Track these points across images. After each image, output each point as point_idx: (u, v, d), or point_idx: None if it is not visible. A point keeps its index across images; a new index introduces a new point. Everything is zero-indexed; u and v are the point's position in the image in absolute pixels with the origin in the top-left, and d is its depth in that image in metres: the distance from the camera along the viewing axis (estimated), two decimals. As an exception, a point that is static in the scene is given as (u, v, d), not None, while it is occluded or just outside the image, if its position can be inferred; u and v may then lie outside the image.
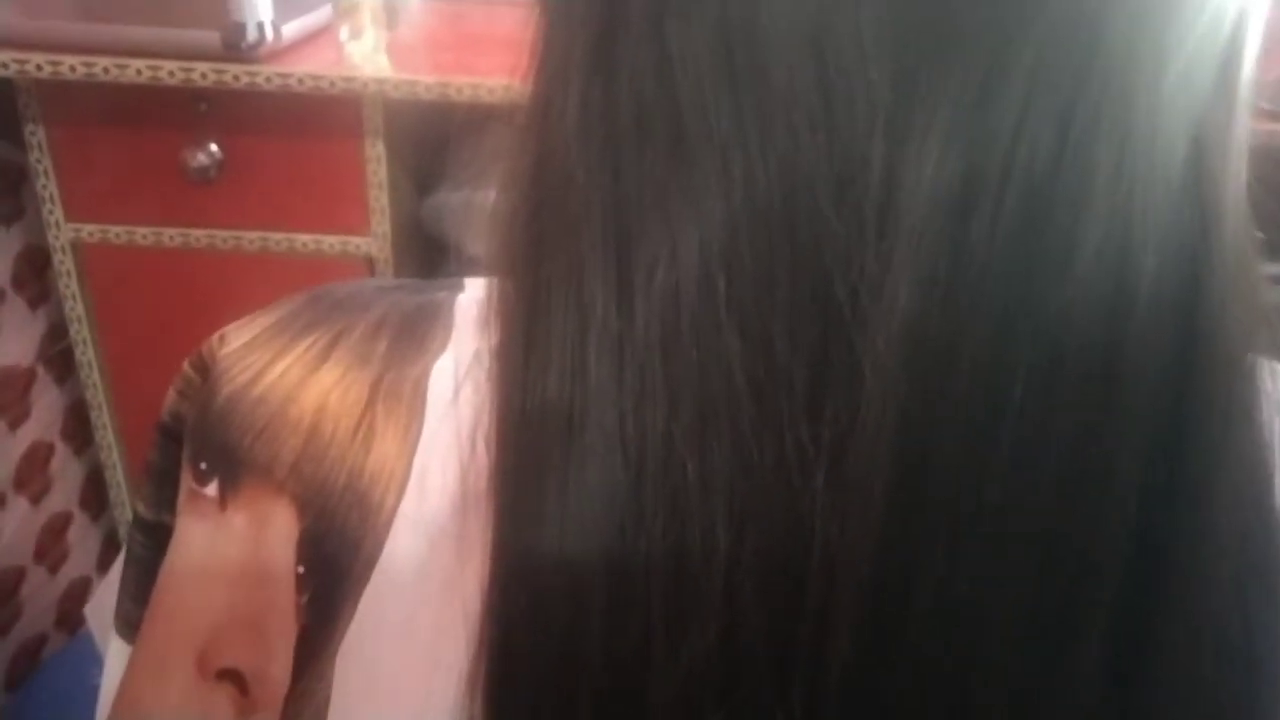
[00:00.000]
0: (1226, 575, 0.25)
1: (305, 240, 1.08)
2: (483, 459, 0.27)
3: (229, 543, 0.31)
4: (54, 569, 1.23)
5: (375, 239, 1.08)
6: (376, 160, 1.04)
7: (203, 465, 0.32)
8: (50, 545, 1.22)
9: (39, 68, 0.95)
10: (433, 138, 1.16)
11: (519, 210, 0.28)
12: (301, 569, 0.30)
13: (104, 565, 1.30)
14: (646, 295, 0.25)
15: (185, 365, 0.36)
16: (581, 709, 0.25)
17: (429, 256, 1.18)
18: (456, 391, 0.29)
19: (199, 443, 0.33)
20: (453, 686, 0.26)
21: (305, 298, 0.35)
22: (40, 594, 1.21)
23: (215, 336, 0.35)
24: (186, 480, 0.33)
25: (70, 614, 1.24)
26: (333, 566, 0.29)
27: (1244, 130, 0.27)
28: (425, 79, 0.98)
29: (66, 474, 1.24)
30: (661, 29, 0.25)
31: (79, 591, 1.26)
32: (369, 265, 1.10)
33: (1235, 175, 0.26)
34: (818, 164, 0.23)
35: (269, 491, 0.30)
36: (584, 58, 0.27)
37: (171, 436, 0.35)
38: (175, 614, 0.32)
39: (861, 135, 0.23)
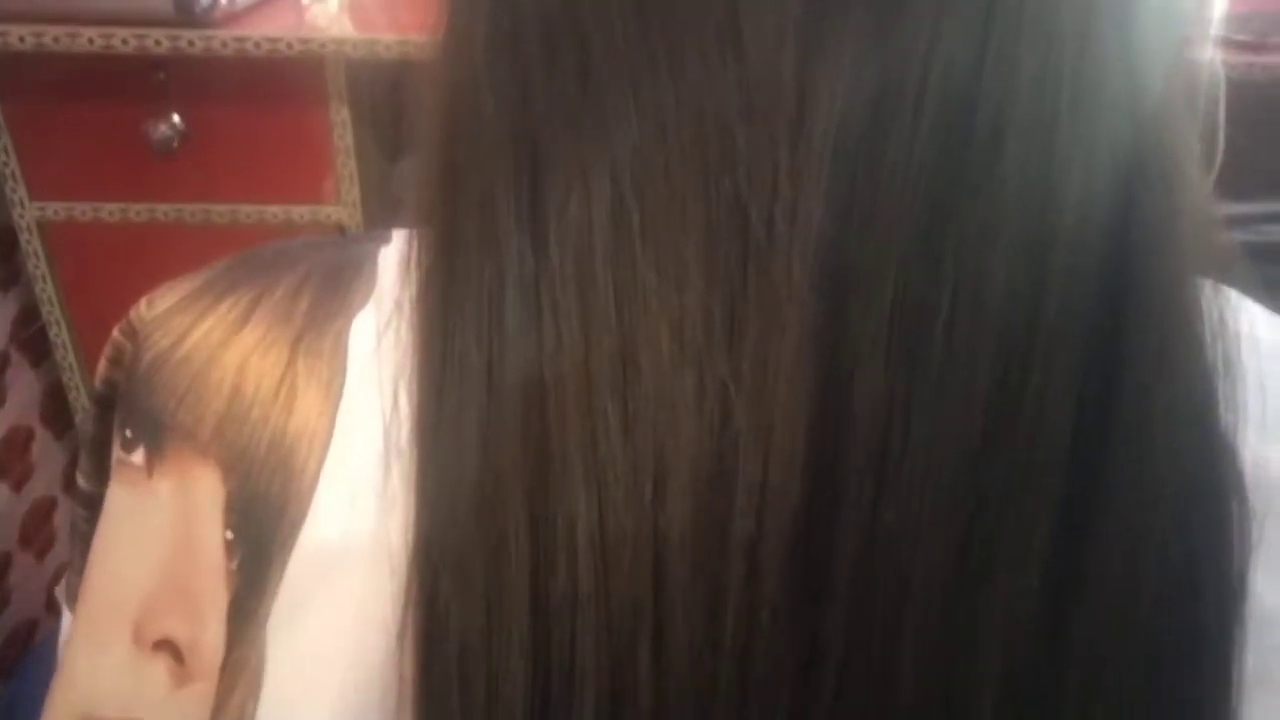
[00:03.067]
0: (1166, 498, 0.24)
1: (275, 211, 1.07)
2: (405, 412, 0.27)
3: (157, 511, 0.30)
4: (41, 554, 1.23)
5: (345, 207, 1.07)
6: (342, 126, 1.03)
7: (128, 433, 0.31)
8: (36, 530, 1.21)
9: (-12, 41, 0.93)
10: (401, 101, 1.14)
11: (432, 150, 0.27)
12: (230, 535, 0.29)
13: (92, 546, 1.30)
14: (559, 230, 0.24)
15: (115, 332, 0.35)
16: (511, 656, 0.24)
17: (402, 222, 1.16)
18: (378, 344, 0.28)
19: (125, 410, 0.32)
20: (385, 642, 0.26)
21: (234, 259, 0.34)
22: (29, 580, 1.21)
23: (143, 301, 0.34)
24: (115, 448, 0.32)
25: (59, 603, 1.24)
26: (260, 531, 0.28)
27: (1184, 40, 0.26)
28: (385, 38, 0.96)
29: (48, 458, 1.23)
30: None
31: (68, 574, 1.26)
32: (341, 233, 1.08)
33: (1177, 89, 0.25)
34: (727, 84, 0.22)
35: (194, 456, 0.29)
36: None
37: (105, 405, 0.35)
38: (108, 586, 0.31)
39: (771, 52, 0.22)
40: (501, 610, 0.24)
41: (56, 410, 1.22)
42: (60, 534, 1.26)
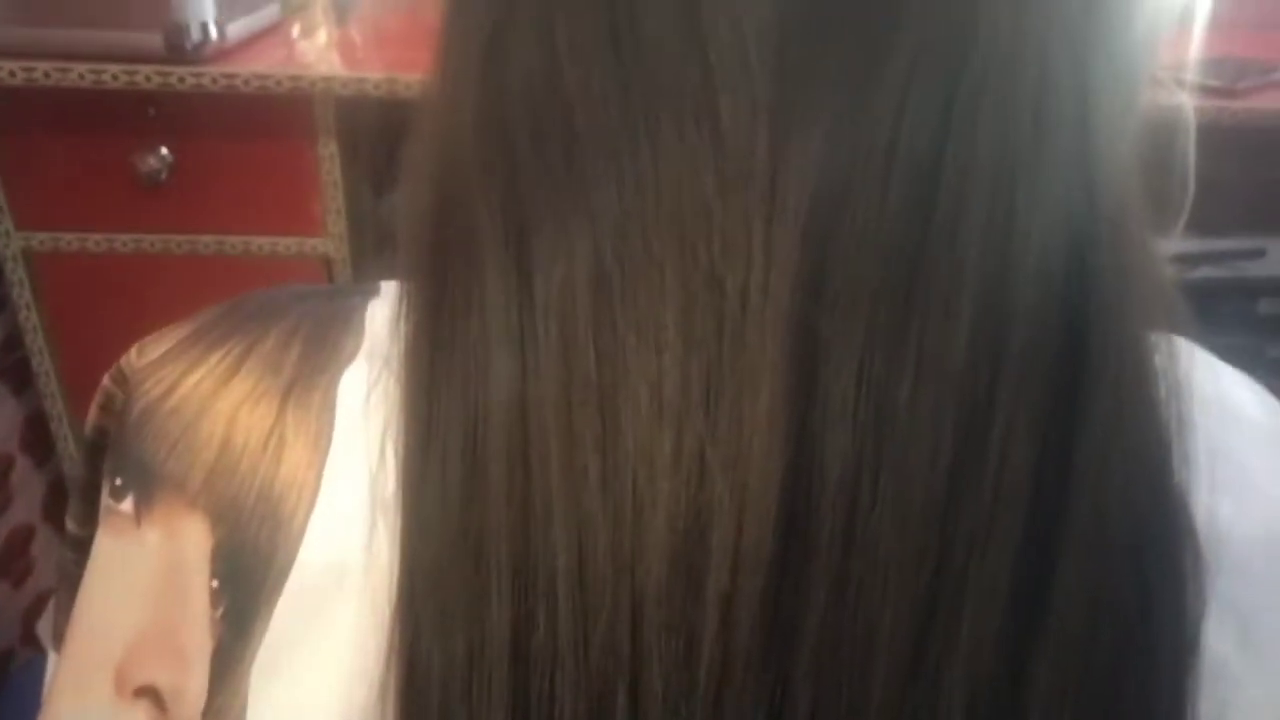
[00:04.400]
0: (1123, 552, 0.25)
1: (261, 243, 1.07)
2: (391, 466, 0.27)
3: (144, 559, 0.31)
4: (18, 583, 1.22)
5: (332, 239, 1.07)
6: (330, 159, 1.03)
7: (118, 481, 0.32)
8: (13, 559, 1.20)
9: (-22, 75, 0.94)
10: (387, 135, 1.15)
11: (422, 210, 0.28)
12: (215, 583, 0.29)
13: (71, 576, 1.28)
14: (544, 293, 0.25)
15: (106, 379, 0.35)
16: (491, 706, 0.25)
17: (387, 256, 1.17)
18: (366, 400, 0.29)
19: (115, 458, 0.32)
20: (367, 691, 0.26)
21: (223, 308, 0.35)
22: (5, 608, 1.20)
23: (134, 349, 0.35)
24: (104, 496, 0.32)
25: (35, 628, 1.22)
26: (246, 580, 0.29)
27: (1140, 109, 0.27)
28: (373, 76, 0.97)
29: (28, 487, 1.22)
30: (551, 24, 0.25)
31: (45, 605, 1.24)
32: (326, 266, 1.09)
33: (1127, 152, 0.26)
34: (704, 159, 0.23)
35: (182, 506, 0.30)
36: (479, 53, 0.27)
37: (95, 451, 0.35)
38: (93, 632, 0.32)
39: (745, 128, 0.23)
40: (483, 660, 0.25)
41: (37, 439, 1.21)
42: (38, 563, 1.25)
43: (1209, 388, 0.28)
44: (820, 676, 0.24)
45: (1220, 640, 0.27)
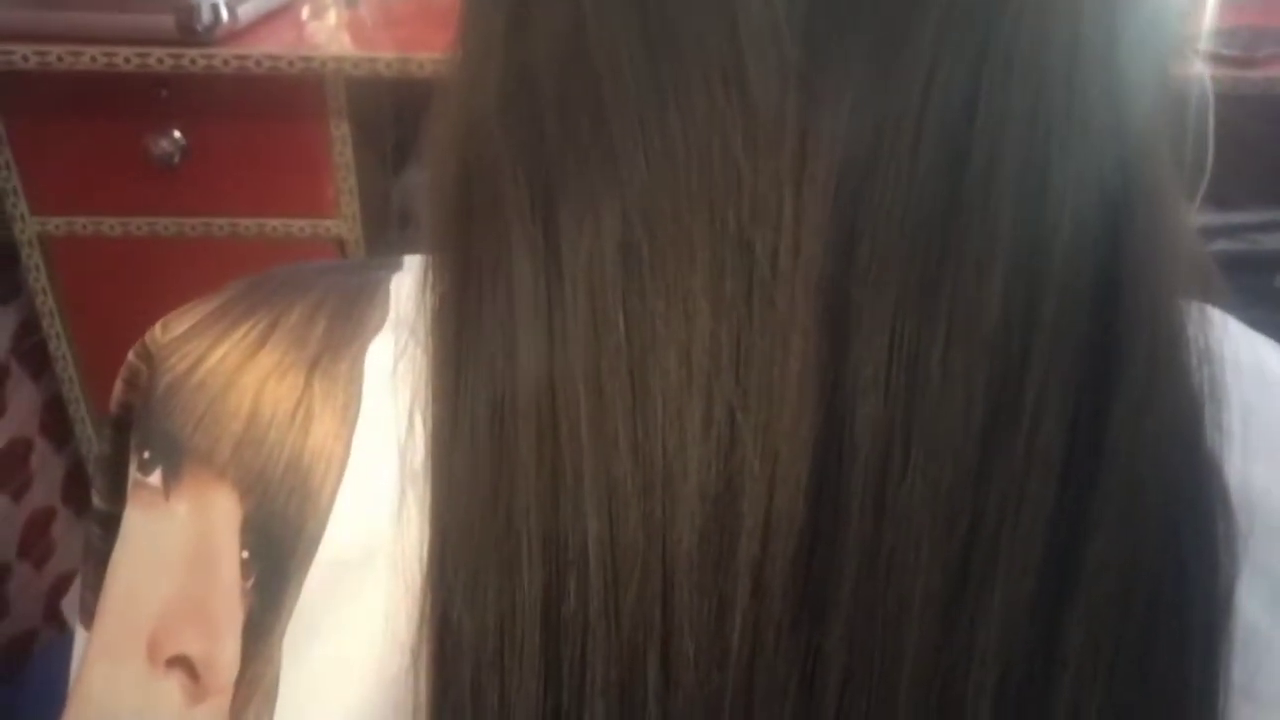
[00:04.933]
0: (1156, 517, 0.25)
1: (274, 224, 1.07)
2: (420, 435, 0.27)
3: (173, 532, 0.31)
4: (39, 564, 1.23)
5: (345, 220, 1.07)
6: (342, 140, 1.03)
7: (146, 455, 0.32)
8: (34, 541, 1.22)
9: (-9, 59, 0.94)
10: (400, 115, 1.15)
11: (448, 182, 0.28)
12: (246, 554, 0.29)
13: (91, 558, 1.30)
14: (572, 262, 0.25)
15: (130, 355, 0.35)
16: (523, 672, 0.25)
17: (401, 235, 1.17)
18: (394, 371, 0.29)
19: (142, 432, 0.33)
20: (399, 659, 0.27)
21: (246, 283, 0.35)
22: (27, 590, 1.21)
23: (158, 325, 0.35)
24: (132, 471, 0.33)
25: (59, 608, 1.24)
26: (276, 550, 0.29)
27: (1168, 74, 0.27)
28: (385, 55, 0.97)
29: (47, 469, 1.23)
30: None
31: (66, 586, 1.26)
32: (340, 247, 1.09)
33: (1160, 119, 0.26)
34: (733, 123, 0.23)
35: (211, 478, 0.30)
36: (504, 24, 0.26)
37: (121, 427, 0.35)
38: (124, 604, 0.32)
39: (775, 93, 0.23)
40: (514, 628, 0.25)
41: (56, 422, 1.22)
42: (59, 544, 1.26)
43: (1242, 354, 0.28)
44: (852, 644, 0.24)
45: (1253, 604, 0.27)
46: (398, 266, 0.33)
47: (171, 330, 0.34)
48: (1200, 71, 0.97)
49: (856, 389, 0.23)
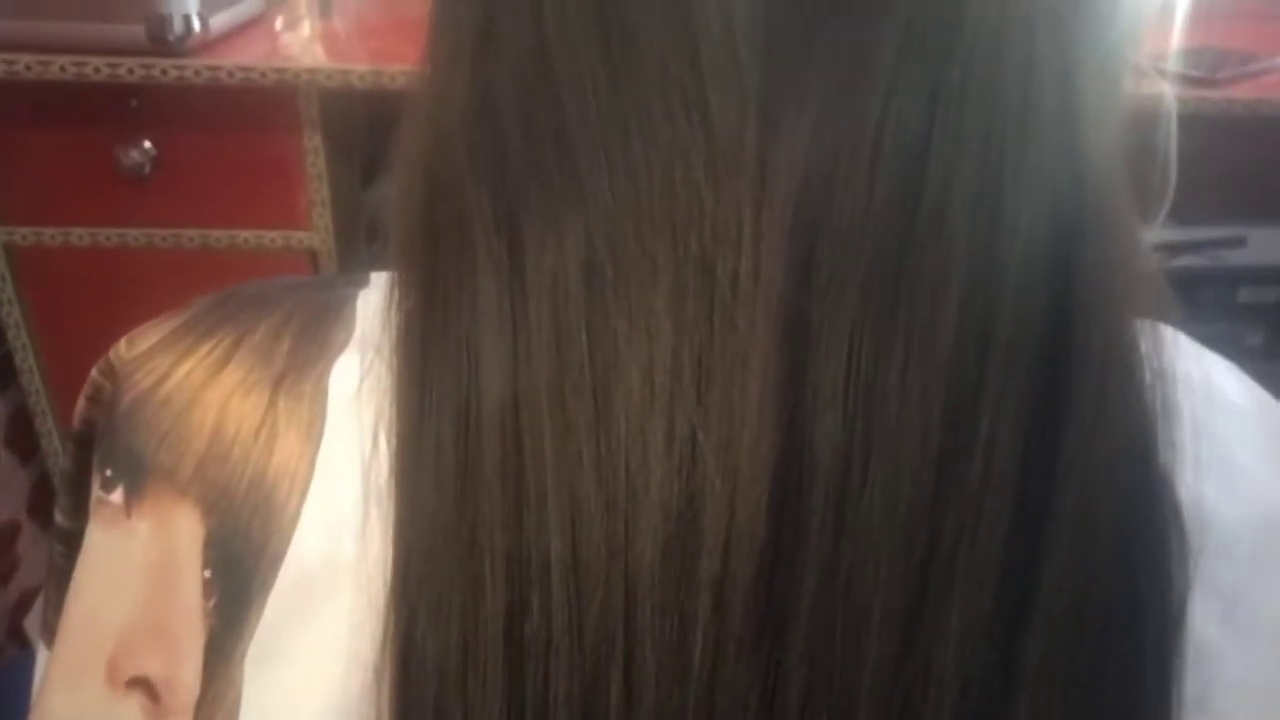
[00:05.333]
0: (1110, 538, 0.25)
1: (246, 236, 1.07)
2: (384, 454, 0.27)
3: (135, 550, 0.31)
4: (4, 580, 1.21)
5: (317, 232, 1.07)
6: (315, 152, 1.03)
7: (108, 472, 0.32)
8: (-1, 556, 1.20)
9: (-42, 68, 0.93)
10: (373, 127, 1.14)
11: (413, 199, 0.28)
12: (208, 573, 0.29)
13: (57, 573, 1.27)
14: (536, 282, 0.25)
15: (94, 371, 0.35)
16: (486, 690, 0.25)
17: (373, 248, 1.16)
18: (359, 389, 0.29)
19: (105, 449, 0.32)
20: (362, 679, 0.26)
21: (211, 299, 0.35)
22: (-10, 605, 1.19)
23: (122, 341, 0.35)
24: (94, 488, 0.32)
25: (21, 625, 1.22)
26: (239, 569, 0.29)
27: (1124, 100, 0.28)
28: (359, 68, 0.97)
29: (12, 483, 1.22)
30: (540, 14, 0.25)
31: (30, 602, 1.24)
32: (312, 259, 1.08)
33: (1113, 141, 0.27)
34: (694, 147, 0.24)
35: (173, 496, 0.30)
36: (469, 43, 0.27)
37: (83, 443, 0.35)
38: (84, 623, 0.32)
39: (734, 120, 0.23)
40: (477, 646, 0.25)
41: (21, 435, 1.21)
42: (23, 560, 1.24)
43: (1193, 373, 0.29)
44: (812, 660, 0.25)
45: (1205, 621, 0.28)
46: (364, 283, 0.33)
47: (136, 346, 0.34)
48: (1164, 91, 0.99)
49: (815, 408, 0.24)
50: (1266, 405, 0.32)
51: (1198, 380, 0.29)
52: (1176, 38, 1.10)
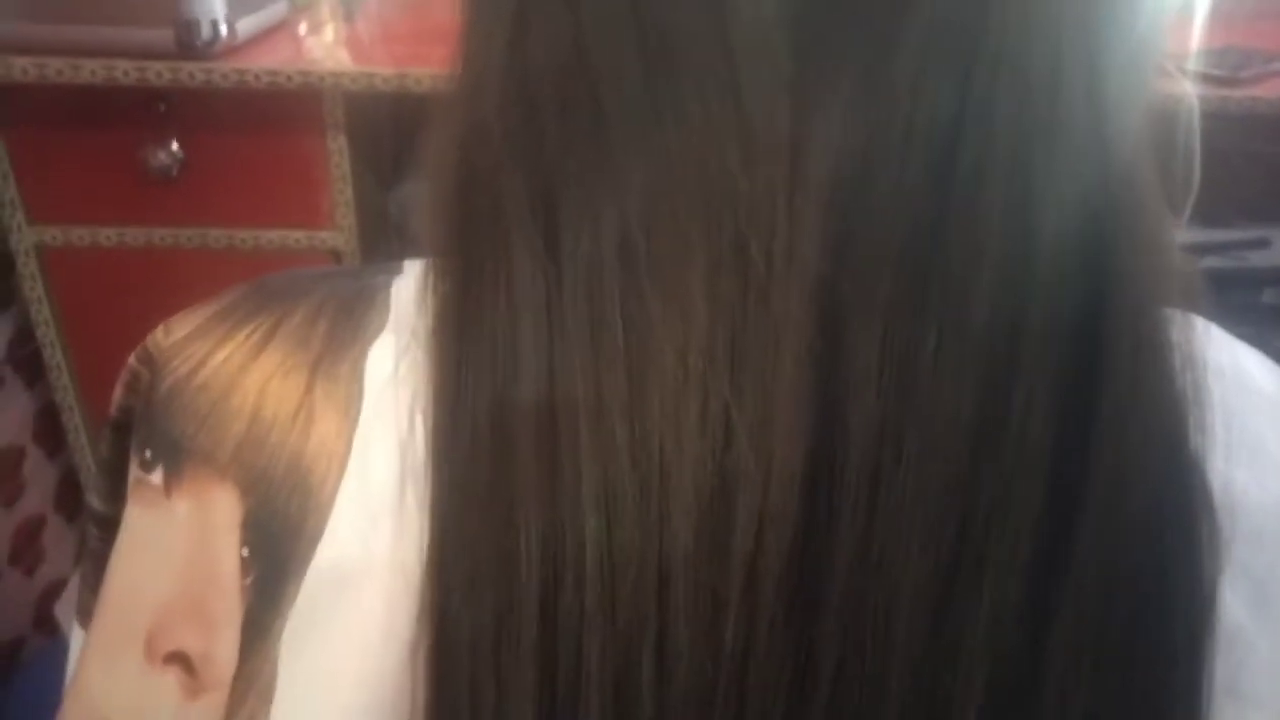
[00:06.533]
0: (1141, 522, 0.26)
1: (271, 236, 1.08)
2: (420, 435, 0.28)
3: (174, 529, 0.31)
4: (30, 571, 1.23)
5: (341, 232, 1.08)
6: (339, 154, 1.04)
7: (147, 454, 0.32)
8: (25, 548, 1.21)
9: (-10, 70, 0.95)
10: (397, 129, 1.15)
11: (449, 186, 0.29)
12: (246, 552, 0.30)
13: (82, 568, 1.29)
14: (572, 265, 0.25)
15: (131, 359, 0.36)
16: (520, 667, 0.25)
17: (397, 248, 1.17)
18: (395, 371, 0.29)
19: (144, 432, 0.33)
20: (397, 655, 0.27)
21: (247, 287, 0.35)
22: (17, 596, 1.21)
23: (159, 329, 0.36)
24: (133, 469, 0.33)
25: (48, 615, 1.23)
26: (276, 548, 0.29)
27: (1150, 88, 0.28)
28: (383, 71, 0.98)
29: (40, 477, 1.23)
30: (576, 2, 0.25)
31: (56, 593, 1.25)
32: (336, 259, 1.09)
33: (1141, 132, 0.27)
34: (727, 132, 0.24)
35: (212, 477, 0.31)
36: (505, 31, 0.27)
37: (121, 430, 0.36)
38: (123, 600, 0.32)
39: (767, 101, 0.24)
40: (512, 622, 0.25)
41: (49, 430, 1.22)
42: (49, 551, 1.26)
43: (1223, 360, 0.29)
44: (844, 640, 0.25)
45: (1235, 605, 0.28)
46: (398, 271, 0.34)
47: (174, 333, 0.34)
48: (1187, 91, 0.99)
49: (850, 388, 0.24)
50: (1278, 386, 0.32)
51: (1228, 367, 0.29)
52: (1199, 38, 1.10)
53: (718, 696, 0.25)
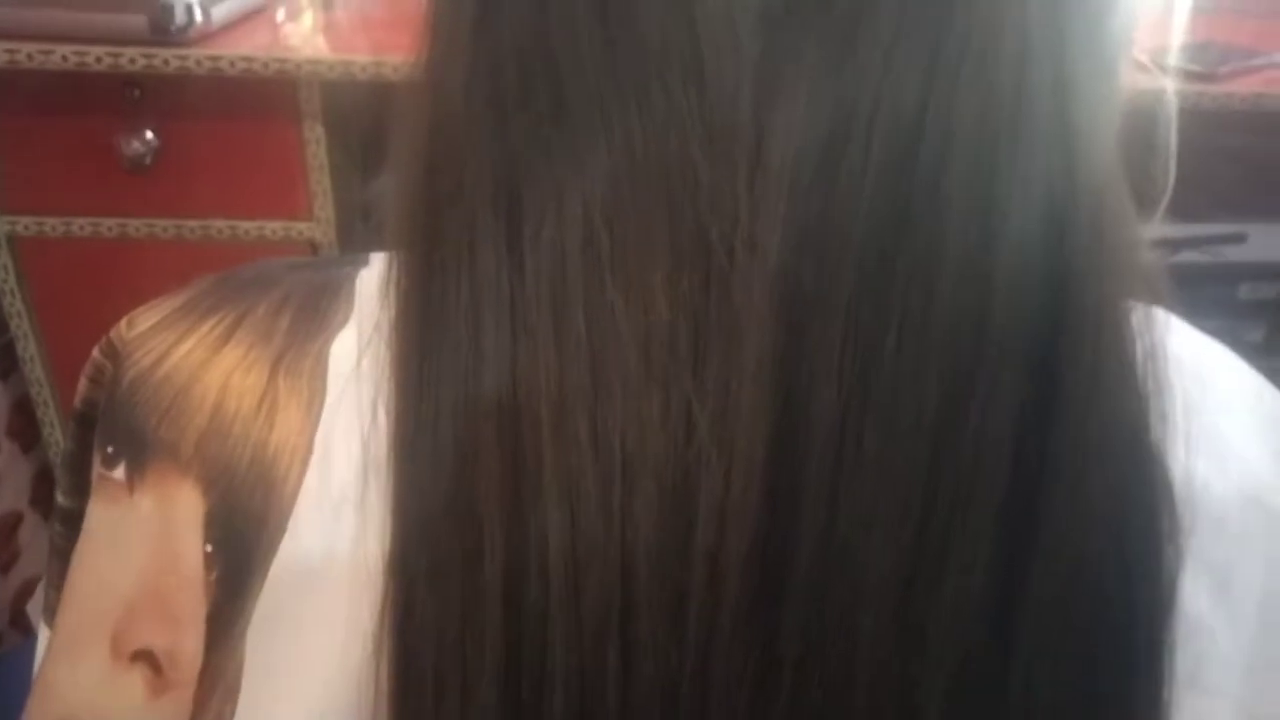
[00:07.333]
0: (1102, 513, 0.26)
1: (248, 227, 1.07)
2: (383, 427, 0.28)
3: (137, 525, 0.31)
4: (5, 569, 1.21)
5: (319, 224, 1.07)
6: (316, 143, 1.03)
7: (110, 449, 0.32)
8: (1, 546, 1.20)
9: (-40, 56, 0.93)
10: (374, 119, 1.14)
11: (414, 173, 0.28)
12: (209, 547, 0.30)
13: (58, 563, 1.28)
14: (534, 255, 0.25)
15: (95, 352, 0.35)
16: (485, 660, 0.25)
17: (375, 240, 1.17)
18: (358, 364, 0.29)
19: (107, 427, 0.33)
20: (361, 649, 0.27)
21: (212, 279, 0.35)
22: (-8, 594, 1.19)
23: (123, 321, 0.35)
24: (96, 465, 0.33)
25: (23, 614, 1.22)
26: (240, 543, 0.29)
27: (1119, 84, 0.28)
28: (360, 59, 0.97)
29: (14, 472, 1.22)
30: None
31: (32, 591, 1.24)
32: (313, 250, 1.08)
33: (1108, 128, 0.27)
34: (690, 118, 0.24)
35: (175, 472, 0.30)
36: (469, 16, 0.27)
37: (85, 423, 0.35)
38: (87, 598, 0.32)
39: (730, 88, 0.24)
40: (476, 615, 0.25)
41: (24, 424, 1.21)
42: (25, 549, 1.25)
43: (1185, 351, 0.29)
44: (807, 633, 0.25)
45: (1196, 596, 0.28)
46: (364, 263, 0.33)
47: (137, 326, 0.34)
48: (1165, 86, 0.99)
49: (811, 380, 0.24)
50: (1255, 385, 0.32)
51: (1190, 359, 0.29)
52: (1178, 32, 1.10)
53: (682, 688, 0.25)
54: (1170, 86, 0.99)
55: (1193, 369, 0.29)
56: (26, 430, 1.21)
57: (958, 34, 0.23)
